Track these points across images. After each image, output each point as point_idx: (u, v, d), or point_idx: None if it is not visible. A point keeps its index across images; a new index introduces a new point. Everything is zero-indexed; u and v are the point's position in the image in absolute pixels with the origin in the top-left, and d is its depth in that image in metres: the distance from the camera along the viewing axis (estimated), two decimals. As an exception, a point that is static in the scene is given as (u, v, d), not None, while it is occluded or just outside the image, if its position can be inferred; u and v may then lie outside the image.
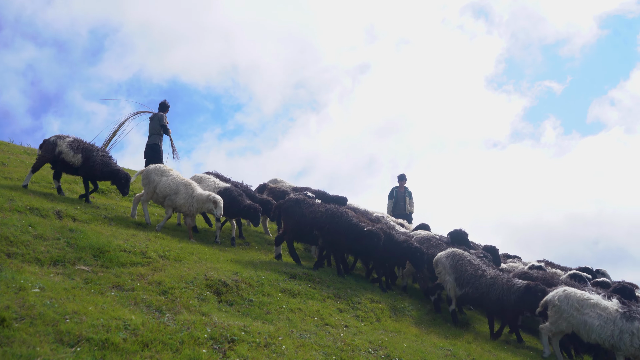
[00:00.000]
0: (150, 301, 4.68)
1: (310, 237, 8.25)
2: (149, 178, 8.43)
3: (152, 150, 11.75)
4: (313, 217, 7.94)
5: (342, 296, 6.70)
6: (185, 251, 6.78)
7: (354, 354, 4.57)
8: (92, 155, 8.73)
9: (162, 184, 8.28)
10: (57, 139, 8.74)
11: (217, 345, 3.83)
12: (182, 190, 8.20)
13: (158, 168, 8.58)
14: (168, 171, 8.54)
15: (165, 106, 12.19)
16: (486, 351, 6.18)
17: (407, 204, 13.57)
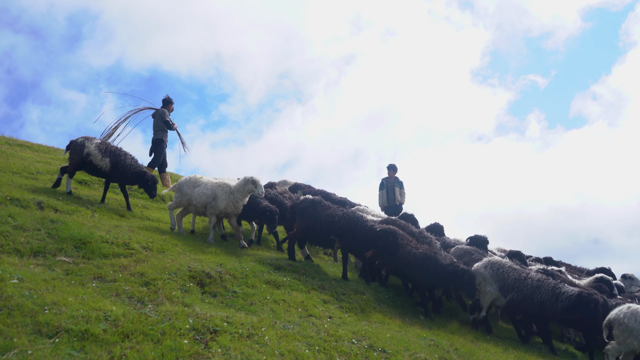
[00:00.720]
0: (132, 292, 4.64)
1: (324, 241, 8.11)
2: (182, 191, 8.18)
3: (155, 145, 11.57)
4: (330, 220, 7.75)
5: (327, 287, 6.71)
6: (169, 243, 6.73)
7: (337, 344, 4.58)
8: (120, 159, 8.62)
9: (197, 194, 8.01)
10: (85, 141, 8.65)
11: (199, 336, 3.81)
12: (219, 193, 7.94)
13: (189, 180, 8.28)
14: (199, 180, 8.26)
15: (166, 101, 11.99)
16: (468, 341, 6.24)
17: (396, 194, 13.35)
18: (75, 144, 8.61)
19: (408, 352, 4.84)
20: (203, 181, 8.18)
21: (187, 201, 8.09)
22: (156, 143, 11.54)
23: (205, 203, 7.98)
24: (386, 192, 13.41)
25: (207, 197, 7.95)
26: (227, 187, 7.94)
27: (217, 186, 8.00)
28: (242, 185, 7.85)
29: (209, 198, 7.94)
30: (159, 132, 11.57)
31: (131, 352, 3.25)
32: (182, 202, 8.15)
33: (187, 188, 8.13)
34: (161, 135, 11.56)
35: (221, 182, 8.07)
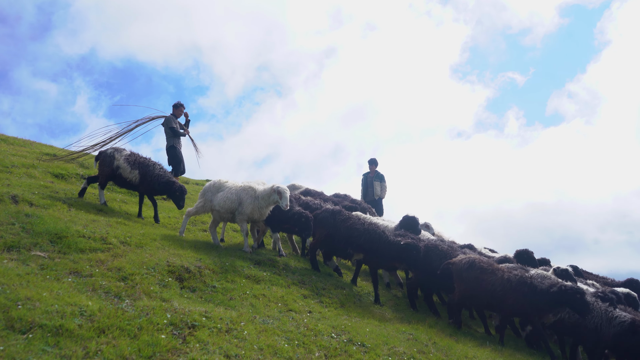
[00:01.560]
0: (109, 287, 4.57)
1: (343, 252, 7.88)
2: (205, 196, 7.82)
3: (168, 154, 11.25)
4: (349, 234, 7.48)
5: (307, 282, 6.71)
6: (148, 237, 6.65)
7: (317, 338, 4.59)
8: (149, 171, 8.49)
9: (220, 199, 7.62)
10: (115, 152, 8.52)
11: (177, 330, 3.78)
12: (244, 197, 7.54)
13: (213, 184, 7.90)
14: (223, 185, 7.86)
15: (174, 106, 11.60)
16: (447, 335, 6.31)
17: (376, 189, 13.13)
18: (105, 155, 8.50)
19: (387, 346, 4.87)
20: (227, 185, 7.81)
21: (210, 207, 7.70)
22: (169, 151, 11.20)
23: (231, 208, 7.57)
24: (365, 186, 13.29)
25: (232, 202, 7.54)
26: (253, 192, 7.55)
27: (242, 190, 7.60)
28: (268, 194, 7.41)
29: (234, 203, 7.54)
30: (170, 139, 11.24)
31: (107, 348, 3.21)
32: (205, 208, 7.77)
33: (209, 193, 7.77)
34: (172, 142, 11.21)
35: (246, 186, 7.68)
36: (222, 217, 7.74)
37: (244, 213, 7.47)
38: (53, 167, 10.04)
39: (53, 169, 9.88)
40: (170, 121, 11.38)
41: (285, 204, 7.26)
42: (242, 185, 7.71)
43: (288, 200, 7.33)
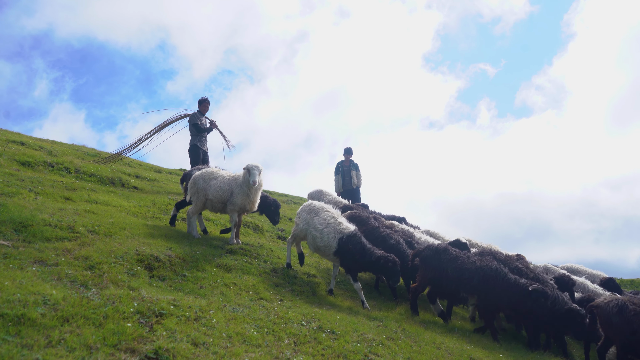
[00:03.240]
0: (75, 276, 4.50)
1: (454, 297, 7.19)
2: (197, 186, 7.47)
3: (190, 153, 11.09)
4: (459, 275, 6.73)
5: (279, 271, 6.72)
6: (117, 226, 6.55)
7: (287, 326, 4.61)
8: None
9: (214, 188, 7.32)
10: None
11: (144, 319, 3.74)
12: (234, 187, 7.26)
13: (204, 173, 7.59)
14: (215, 172, 7.57)
15: (200, 102, 11.41)
16: (417, 322, 6.41)
17: (353, 178, 13.20)
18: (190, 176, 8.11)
19: (356, 333, 4.93)
20: (220, 174, 7.54)
21: (204, 196, 7.41)
22: (191, 150, 11.05)
23: (223, 199, 7.32)
24: (342, 176, 13.28)
25: (224, 192, 7.31)
26: (240, 180, 7.33)
27: (232, 180, 7.37)
28: (244, 175, 7.18)
29: (227, 193, 7.31)
30: (193, 137, 11.08)
31: (70, 337, 3.15)
32: (200, 198, 7.41)
33: (202, 182, 7.46)
34: (194, 140, 11.04)
35: (236, 176, 7.44)
36: (215, 207, 7.50)
37: (235, 204, 7.24)
38: (19, 154, 9.78)
39: (19, 157, 9.62)
40: (194, 118, 11.18)
41: (253, 180, 6.98)
42: (232, 176, 7.47)
43: (256, 176, 7.02)
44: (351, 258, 6.65)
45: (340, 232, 6.70)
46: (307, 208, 7.19)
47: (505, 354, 6.06)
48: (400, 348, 4.89)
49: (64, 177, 9.30)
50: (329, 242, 6.68)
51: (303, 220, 7.05)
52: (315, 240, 6.78)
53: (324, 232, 6.72)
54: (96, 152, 13.84)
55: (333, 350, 4.32)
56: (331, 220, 6.86)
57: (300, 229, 7.05)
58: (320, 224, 6.81)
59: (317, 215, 6.93)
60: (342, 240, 6.64)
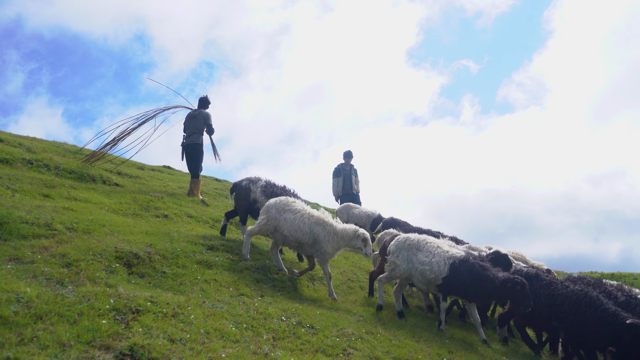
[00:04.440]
0: (52, 274, 4.45)
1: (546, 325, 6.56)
2: (268, 214, 6.84)
3: (195, 151, 10.87)
4: (551, 302, 6.30)
5: (260, 267, 6.72)
6: (96, 223, 6.49)
7: (266, 321, 4.61)
8: None
9: (290, 223, 6.67)
10: (250, 184, 7.98)
11: (120, 316, 3.72)
12: (320, 234, 6.63)
13: (280, 202, 6.90)
14: (291, 205, 6.86)
15: (207, 102, 11.29)
16: (396, 317, 6.46)
17: (353, 183, 12.94)
18: (240, 187, 8.01)
19: (336, 327, 4.95)
20: (297, 208, 6.83)
21: (274, 227, 6.76)
22: (196, 149, 10.86)
23: (301, 240, 6.67)
24: (343, 180, 12.96)
25: (303, 233, 6.65)
26: (331, 228, 6.71)
27: (316, 223, 6.70)
28: (351, 237, 6.63)
29: (307, 236, 6.65)
30: (196, 135, 10.86)
31: (44, 334, 3.13)
32: (269, 227, 6.78)
33: (275, 211, 6.80)
34: (198, 139, 10.86)
35: (320, 219, 6.75)
36: (288, 244, 6.87)
37: (327, 253, 6.64)
38: (-3, 151, 9.62)
39: (-3, 154, 9.46)
40: (209, 117, 10.98)
41: (369, 252, 6.61)
42: (316, 217, 6.78)
43: (372, 248, 6.58)
44: (465, 284, 6.10)
45: (451, 257, 6.26)
46: (404, 245, 6.58)
47: (484, 347, 6.14)
48: (379, 342, 4.93)
49: (43, 174, 9.17)
50: (440, 270, 6.20)
51: (404, 259, 6.49)
52: (425, 275, 6.28)
53: (433, 262, 6.29)
54: (77, 149, 13.66)
55: (312, 345, 4.34)
56: (436, 250, 6.43)
57: (402, 270, 6.48)
58: (426, 257, 6.37)
59: (420, 250, 6.45)
60: (455, 265, 6.17)
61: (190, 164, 10.90)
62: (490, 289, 6.03)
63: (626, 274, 20.83)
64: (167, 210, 8.99)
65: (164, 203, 9.30)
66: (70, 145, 13.96)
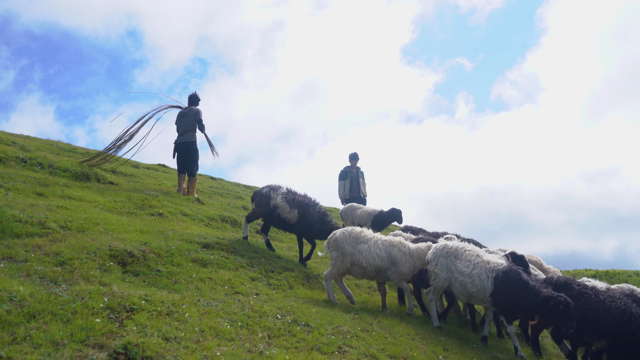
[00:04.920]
0: (45, 272, 4.42)
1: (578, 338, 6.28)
2: (341, 250, 6.64)
3: (189, 149, 10.77)
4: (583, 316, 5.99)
5: (256, 265, 6.71)
6: (90, 222, 6.46)
7: (261, 319, 4.60)
8: (309, 211, 7.94)
9: (366, 254, 6.53)
10: (270, 191, 7.98)
11: (114, 314, 3.70)
12: (397, 255, 6.55)
13: (349, 234, 6.74)
14: (361, 234, 6.76)
15: (197, 99, 11.23)
16: (393, 314, 6.47)
17: (360, 186, 12.61)
18: (261, 195, 8.02)
19: (331, 325, 4.95)
20: (368, 237, 6.74)
21: (350, 261, 6.61)
22: (190, 147, 10.78)
23: (380, 267, 6.54)
24: (350, 182, 12.63)
25: (381, 259, 6.53)
26: (406, 249, 6.64)
27: (390, 246, 6.62)
28: (425, 254, 6.57)
29: (385, 261, 6.54)
30: (190, 133, 10.78)
31: (37, 333, 3.11)
32: (345, 263, 6.61)
33: (347, 245, 6.64)
34: (192, 137, 10.79)
35: (394, 241, 6.70)
36: (366, 275, 6.73)
37: (403, 273, 6.56)
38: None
39: (-10, 152, 9.40)
40: (199, 113, 10.89)
41: None
42: (389, 240, 6.72)
43: None
44: (509, 299, 5.85)
45: (494, 270, 5.95)
46: (442, 252, 6.37)
47: (479, 344, 6.15)
48: (374, 340, 4.93)
49: (36, 173, 9.12)
50: (483, 285, 5.94)
51: (443, 267, 6.26)
52: (466, 287, 6.06)
53: (474, 275, 6.01)
54: (72, 147, 13.60)
55: (307, 342, 4.33)
56: (476, 259, 6.16)
57: (442, 279, 6.25)
58: (466, 267, 6.11)
59: (459, 259, 6.21)
60: (499, 278, 5.89)
61: (185, 162, 10.84)
62: (531, 304, 5.75)
63: (620, 271, 20.94)
64: (162, 208, 8.96)
65: (158, 201, 9.26)
66: (65, 144, 13.90)
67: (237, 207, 11.86)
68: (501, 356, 5.94)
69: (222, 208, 10.84)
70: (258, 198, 8.11)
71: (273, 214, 7.96)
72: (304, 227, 7.98)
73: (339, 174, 12.80)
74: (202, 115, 10.95)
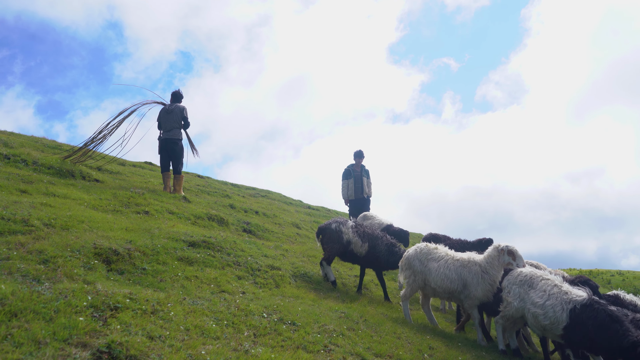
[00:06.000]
0: (28, 270, 4.36)
1: None
2: (412, 269, 6.43)
3: (177, 146, 10.65)
4: None
5: (242, 263, 6.68)
6: (75, 219, 6.38)
7: (247, 318, 4.59)
8: (377, 243, 7.75)
9: (436, 274, 6.21)
10: (340, 226, 7.77)
11: (98, 313, 3.66)
12: (468, 277, 6.14)
13: (420, 251, 6.45)
14: (435, 252, 6.47)
15: (180, 96, 11.12)
16: (380, 313, 6.48)
17: (364, 186, 11.84)
18: (331, 231, 7.79)
19: (317, 324, 4.95)
20: (440, 254, 6.42)
21: (423, 281, 6.37)
22: (178, 144, 10.69)
23: (451, 290, 6.21)
24: (354, 182, 11.83)
25: (451, 281, 6.20)
26: (476, 267, 6.21)
27: (462, 267, 6.23)
28: (495, 257, 6.10)
29: (455, 283, 6.19)
30: (176, 130, 10.66)
31: (18, 332, 3.06)
32: (417, 283, 6.36)
33: (418, 263, 6.41)
34: (179, 134, 10.68)
35: (465, 261, 6.30)
36: (438, 295, 6.50)
37: (475, 297, 6.15)
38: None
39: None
40: (184, 110, 10.78)
41: (522, 263, 6.02)
42: (460, 260, 6.34)
43: (523, 259, 6.03)
44: (584, 336, 5.26)
45: (571, 302, 5.43)
46: (516, 280, 5.97)
47: (465, 342, 6.20)
48: (360, 338, 4.94)
49: (20, 170, 8.99)
50: (556, 317, 5.47)
51: (516, 296, 5.85)
52: (538, 319, 5.62)
53: (547, 306, 5.56)
54: (57, 144, 13.44)
55: (293, 341, 4.33)
56: (553, 289, 5.65)
57: (514, 308, 5.91)
58: (539, 297, 5.68)
59: (533, 288, 5.78)
60: (575, 311, 5.35)
61: (171, 159, 10.78)
62: (616, 347, 5.06)
63: (604, 270, 21.24)
64: (148, 206, 8.88)
65: (145, 199, 9.18)
66: (50, 141, 13.73)
67: (224, 205, 11.81)
68: (486, 355, 5.99)
69: (209, 206, 10.78)
70: (328, 234, 7.84)
71: (347, 249, 7.76)
72: (372, 259, 7.80)
73: (342, 173, 12.05)
74: (188, 112, 10.90)
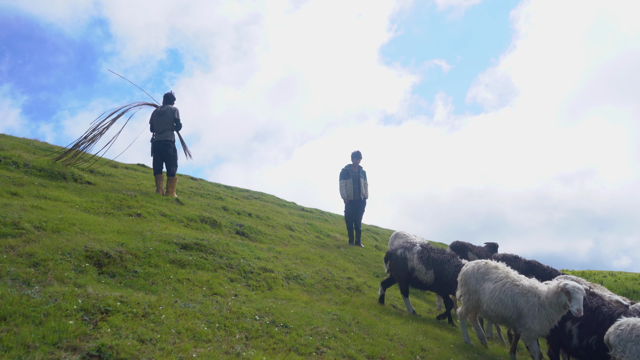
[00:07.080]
0: (18, 274, 4.33)
1: None
2: (467, 286, 6.12)
3: (170, 148, 10.59)
4: None
5: (235, 266, 6.67)
6: (66, 222, 6.35)
7: (239, 321, 4.58)
8: (444, 269, 7.41)
9: (489, 296, 5.81)
10: (406, 252, 7.64)
11: (88, 316, 3.64)
12: (524, 306, 5.59)
13: (477, 268, 6.14)
14: (491, 271, 6.02)
15: (173, 98, 11.08)
16: (372, 315, 6.49)
17: (362, 187, 11.86)
18: (396, 257, 7.68)
19: (310, 326, 4.95)
20: (498, 275, 5.94)
21: (477, 301, 6.05)
22: (171, 146, 10.63)
23: (503, 315, 5.76)
24: (352, 182, 11.85)
25: (505, 307, 5.70)
26: (536, 298, 5.60)
27: (519, 294, 5.66)
28: (554, 295, 5.44)
29: (510, 311, 5.68)
30: (168, 132, 10.60)
31: (7, 335, 3.04)
32: (472, 301, 6.07)
33: (473, 281, 6.07)
34: (171, 136, 10.62)
35: (525, 287, 5.71)
36: (491, 319, 6.18)
37: (533, 330, 5.57)
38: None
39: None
40: (176, 112, 10.72)
41: (577, 307, 5.19)
42: (520, 286, 5.75)
43: (581, 303, 5.22)
44: None
45: None
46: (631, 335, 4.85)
47: (457, 344, 6.21)
48: (352, 340, 4.95)
49: (11, 172, 8.93)
50: None
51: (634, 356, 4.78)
52: None
53: None
54: (49, 146, 13.33)
55: (285, 344, 4.33)
56: None
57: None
58: None
59: None
60: None
61: (165, 161, 10.75)
62: None
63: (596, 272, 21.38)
64: (140, 209, 8.84)
65: (137, 201, 9.14)
66: (41, 143, 13.64)
67: (217, 207, 11.78)
68: (478, 356, 6.01)
69: (201, 209, 10.75)
70: (394, 260, 7.73)
71: (411, 276, 7.60)
72: (441, 285, 7.47)
73: (340, 173, 12.13)
74: (180, 114, 10.89)
